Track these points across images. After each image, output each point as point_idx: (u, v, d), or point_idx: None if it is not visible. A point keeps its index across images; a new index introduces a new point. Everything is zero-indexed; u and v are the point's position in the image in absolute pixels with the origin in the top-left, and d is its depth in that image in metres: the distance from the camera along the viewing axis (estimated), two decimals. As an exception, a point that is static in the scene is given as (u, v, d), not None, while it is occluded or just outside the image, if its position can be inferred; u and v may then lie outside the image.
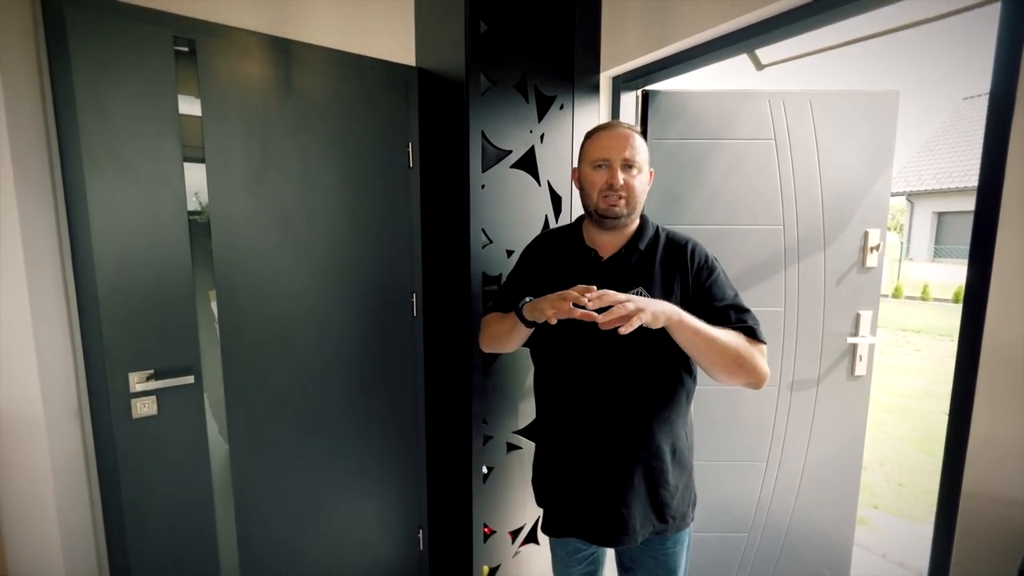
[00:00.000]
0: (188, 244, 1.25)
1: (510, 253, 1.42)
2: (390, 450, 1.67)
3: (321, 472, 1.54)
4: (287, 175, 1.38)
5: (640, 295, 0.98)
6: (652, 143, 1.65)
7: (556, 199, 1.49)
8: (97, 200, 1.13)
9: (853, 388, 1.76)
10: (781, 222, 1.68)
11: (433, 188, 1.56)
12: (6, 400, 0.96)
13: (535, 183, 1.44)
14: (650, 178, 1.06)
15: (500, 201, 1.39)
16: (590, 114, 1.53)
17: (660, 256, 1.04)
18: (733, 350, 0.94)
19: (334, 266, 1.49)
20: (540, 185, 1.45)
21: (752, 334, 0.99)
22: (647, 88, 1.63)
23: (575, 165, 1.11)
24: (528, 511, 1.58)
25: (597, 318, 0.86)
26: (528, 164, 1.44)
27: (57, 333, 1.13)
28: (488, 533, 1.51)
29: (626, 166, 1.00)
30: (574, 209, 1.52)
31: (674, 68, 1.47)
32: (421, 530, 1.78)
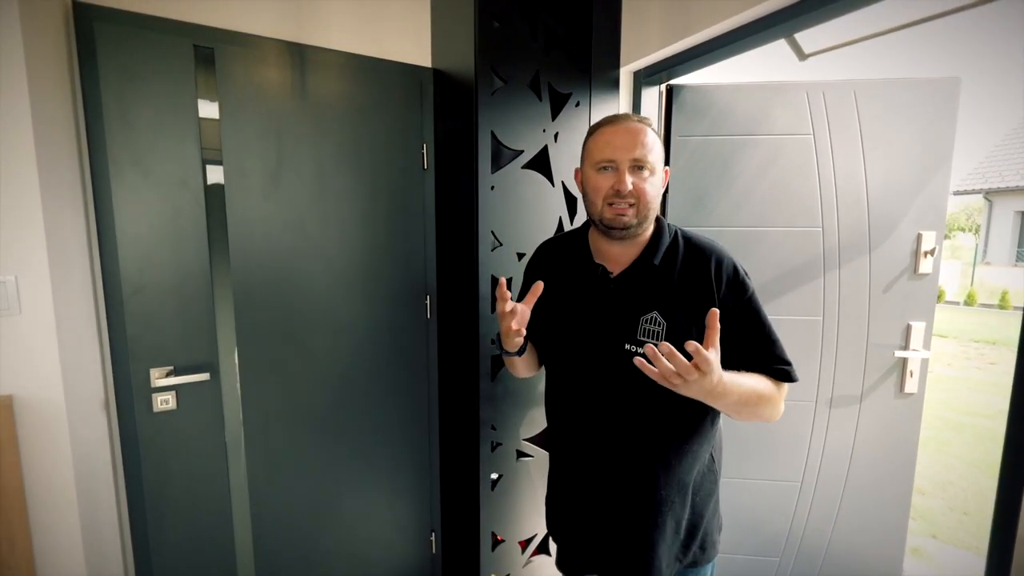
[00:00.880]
0: (207, 245, 1.30)
1: (521, 256, 1.38)
2: (403, 451, 1.68)
3: (334, 471, 1.56)
4: (303, 178, 1.40)
5: (654, 321, 0.87)
6: (676, 141, 1.57)
7: (571, 200, 1.44)
8: (122, 204, 1.19)
9: (902, 406, 1.59)
10: (820, 224, 1.55)
11: (447, 190, 1.54)
12: (34, 389, 1.03)
13: (548, 184, 1.39)
14: (665, 178, 0.92)
15: (511, 202, 1.35)
16: (609, 111, 1.47)
17: (679, 270, 0.90)
18: (756, 408, 0.85)
19: (348, 268, 1.50)
20: (554, 186, 1.40)
21: (786, 377, 0.87)
22: (672, 82, 1.55)
23: (578, 166, 0.98)
24: (539, 521, 1.54)
25: (641, 364, 0.74)
26: (541, 164, 1.39)
27: (88, 328, 1.20)
28: (497, 541, 1.47)
29: (636, 167, 0.86)
30: (590, 210, 1.46)
31: (700, 59, 1.37)
32: (433, 533, 1.77)
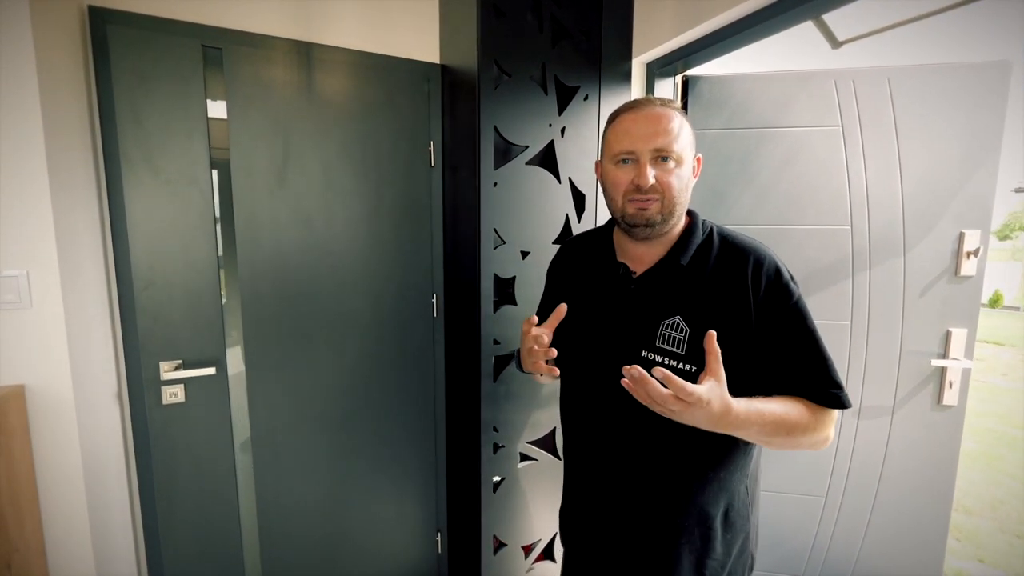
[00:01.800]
0: (215, 242, 1.32)
1: (525, 255, 1.34)
2: (409, 448, 1.67)
3: (339, 465, 1.57)
4: (310, 175, 1.41)
5: (676, 326, 0.77)
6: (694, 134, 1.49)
7: (579, 197, 1.39)
8: (133, 202, 1.23)
9: (940, 420, 1.47)
10: (849, 221, 1.45)
11: (453, 188, 1.52)
12: (45, 380, 1.07)
13: (554, 180, 1.35)
14: (697, 167, 0.82)
15: (514, 199, 1.31)
16: (619, 104, 1.41)
17: (711, 271, 0.78)
18: (789, 439, 0.73)
19: (354, 265, 1.50)
20: (560, 182, 1.36)
21: (836, 403, 0.74)
22: (687, 74, 1.47)
23: (598, 158, 0.90)
24: (543, 526, 1.50)
25: (628, 384, 0.66)
26: (547, 160, 1.35)
27: (102, 322, 1.24)
28: (498, 545, 1.44)
29: (659, 158, 0.76)
30: (599, 207, 1.41)
31: (717, 46, 1.29)
32: (439, 533, 1.76)
